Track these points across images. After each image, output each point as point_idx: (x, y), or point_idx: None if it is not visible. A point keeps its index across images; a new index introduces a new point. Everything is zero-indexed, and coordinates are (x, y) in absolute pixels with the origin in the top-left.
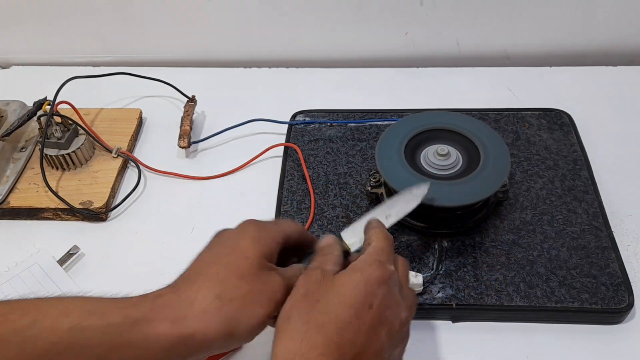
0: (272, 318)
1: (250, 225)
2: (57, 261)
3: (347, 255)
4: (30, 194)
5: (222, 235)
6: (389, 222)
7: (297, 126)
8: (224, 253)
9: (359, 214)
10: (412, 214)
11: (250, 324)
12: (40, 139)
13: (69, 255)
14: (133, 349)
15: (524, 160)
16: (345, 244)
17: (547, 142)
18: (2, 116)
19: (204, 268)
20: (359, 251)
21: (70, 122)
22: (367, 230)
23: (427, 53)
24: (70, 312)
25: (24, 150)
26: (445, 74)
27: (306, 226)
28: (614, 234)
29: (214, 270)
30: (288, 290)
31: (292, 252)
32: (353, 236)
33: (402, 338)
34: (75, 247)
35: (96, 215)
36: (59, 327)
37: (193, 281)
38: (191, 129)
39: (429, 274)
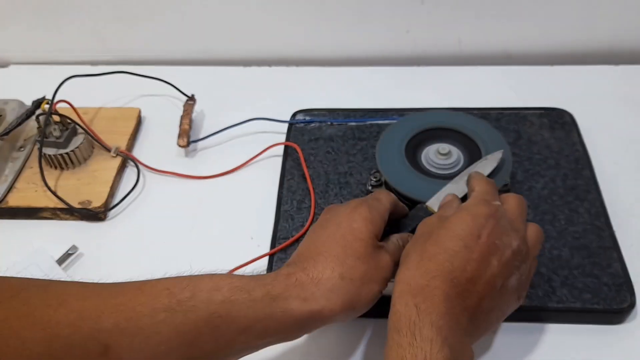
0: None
1: (361, 206)
2: (56, 261)
3: None
4: (28, 193)
5: (334, 214)
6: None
7: (297, 125)
8: (340, 234)
9: None
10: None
11: (368, 299)
12: (39, 138)
13: (67, 255)
14: (274, 321)
15: (526, 159)
16: (432, 211)
17: (549, 141)
18: (0, 115)
19: (324, 248)
20: None
21: (69, 121)
22: (468, 182)
23: (428, 52)
24: (221, 288)
25: (22, 149)
26: (446, 73)
27: (306, 226)
28: (616, 233)
29: (334, 252)
30: (395, 264)
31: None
32: (438, 204)
33: (516, 266)
34: (74, 247)
35: (95, 214)
36: (213, 299)
37: (316, 261)
38: (190, 128)
39: None
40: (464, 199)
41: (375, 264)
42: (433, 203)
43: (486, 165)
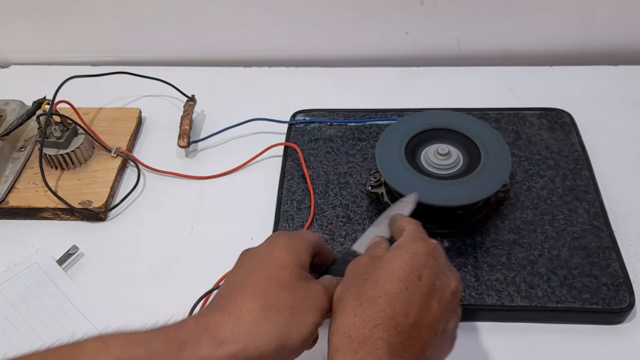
0: (319, 328)
1: (281, 236)
2: (57, 261)
3: None
4: (29, 193)
5: (249, 252)
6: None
7: (297, 126)
8: (259, 266)
9: (359, 214)
10: (413, 214)
11: (301, 334)
12: (40, 139)
13: (68, 255)
14: None
15: (525, 159)
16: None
17: (548, 141)
18: (1, 115)
19: (242, 283)
20: None
21: (69, 121)
22: (392, 224)
23: (427, 52)
24: (111, 346)
25: (23, 149)
26: (445, 74)
27: (306, 226)
28: (615, 233)
29: (254, 284)
30: (330, 298)
31: (313, 266)
32: (364, 247)
33: (454, 309)
34: (75, 247)
35: (95, 215)
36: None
37: (234, 297)
38: (191, 128)
39: None
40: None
41: (305, 293)
42: (359, 247)
43: (405, 207)
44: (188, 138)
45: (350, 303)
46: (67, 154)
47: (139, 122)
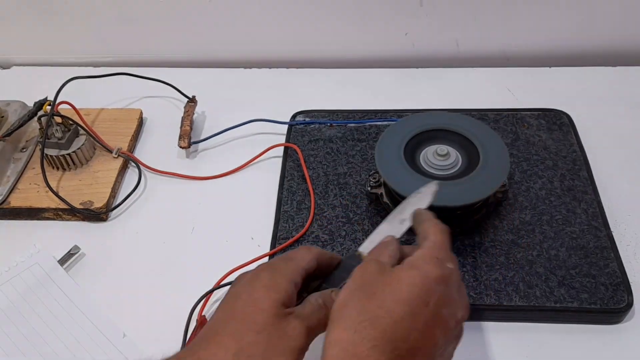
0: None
1: (263, 272)
2: (58, 261)
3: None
4: (30, 194)
5: (238, 284)
6: (405, 227)
7: (297, 126)
8: (239, 307)
9: (359, 214)
10: None
11: None
12: (41, 139)
13: (69, 255)
14: None
15: (523, 160)
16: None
17: (547, 142)
18: (2, 116)
19: (221, 326)
20: None
21: (70, 122)
22: (419, 223)
23: (426, 53)
24: None
25: (24, 150)
26: (444, 75)
27: (306, 226)
28: (613, 233)
29: (231, 328)
30: (309, 332)
31: (314, 276)
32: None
33: (455, 336)
34: (76, 247)
35: (97, 215)
36: None
37: (209, 341)
38: (191, 129)
39: None
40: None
41: (281, 335)
42: (366, 248)
43: (422, 199)
44: (189, 139)
45: (353, 316)
46: (68, 154)
47: (140, 123)
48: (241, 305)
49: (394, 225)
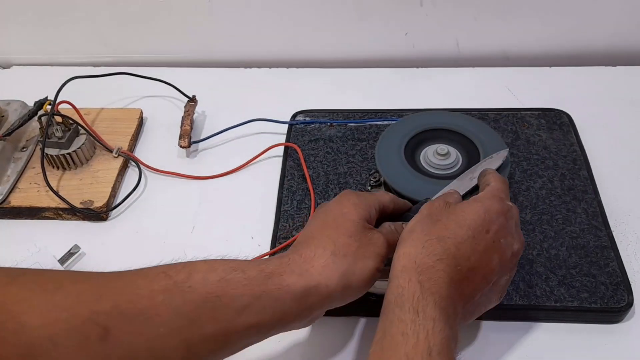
0: (379, 272)
1: (350, 194)
2: (58, 260)
3: None
4: (31, 193)
5: (324, 207)
6: (473, 183)
7: (297, 126)
8: (331, 218)
9: None
10: None
11: (363, 275)
12: (41, 139)
13: (69, 254)
14: (270, 298)
15: (524, 160)
16: None
17: (547, 141)
18: (3, 116)
19: (316, 232)
20: None
21: (71, 121)
22: (482, 176)
23: (426, 53)
24: (216, 269)
25: (24, 149)
26: (444, 74)
27: None
28: (613, 233)
29: (326, 233)
30: (389, 245)
31: (388, 219)
32: None
33: (510, 268)
34: (76, 247)
35: (97, 214)
36: (209, 279)
37: (309, 244)
38: (192, 128)
39: None
40: (465, 196)
41: (367, 240)
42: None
43: (492, 162)
44: (189, 138)
45: (420, 236)
46: (68, 154)
47: (140, 123)
48: (332, 217)
49: (463, 182)
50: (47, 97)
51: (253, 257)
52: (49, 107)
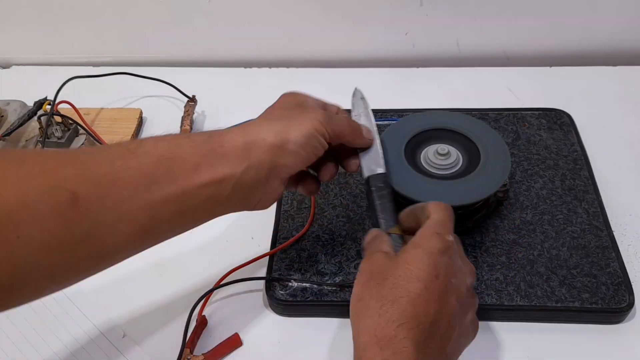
0: (319, 131)
1: (320, 113)
2: None
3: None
4: None
5: (294, 99)
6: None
7: None
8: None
9: (359, 214)
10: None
11: (301, 130)
12: (41, 139)
13: None
14: (216, 155)
15: (524, 160)
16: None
17: (547, 141)
18: (2, 116)
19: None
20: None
21: (70, 121)
22: (422, 208)
23: (427, 53)
24: (164, 138)
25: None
26: (445, 74)
27: (306, 226)
28: (614, 233)
29: (268, 116)
30: (328, 115)
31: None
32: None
33: (470, 304)
34: None
35: None
36: (159, 145)
37: (250, 122)
38: (191, 128)
39: None
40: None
41: (303, 110)
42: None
43: (359, 108)
44: None
45: (372, 304)
46: None
47: (140, 123)
48: (287, 113)
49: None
50: (46, 97)
51: (253, 257)
52: (48, 107)
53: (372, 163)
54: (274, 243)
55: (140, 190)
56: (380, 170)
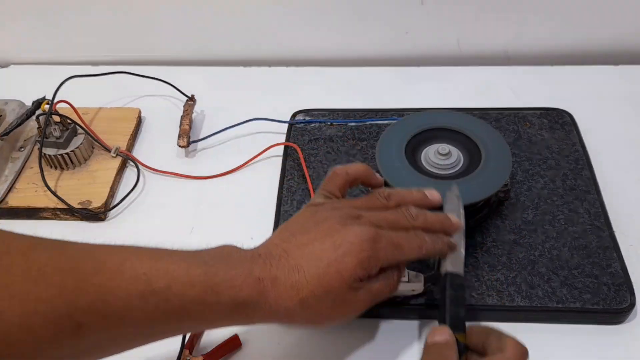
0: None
1: (366, 240)
2: None
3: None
4: (28, 193)
5: (322, 218)
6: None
7: (297, 125)
8: (320, 251)
9: None
10: None
11: (324, 328)
12: (39, 139)
13: None
14: (234, 321)
15: (525, 159)
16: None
17: (549, 141)
18: (0, 115)
19: (303, 259)
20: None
21: (69, 121)
22: (489, 333)
23: (427, 52)
24: (195, 285)
25: (22, 149)
26: (445, 73)
27: None
28: (616, 233)
29: (311, 271)
30: (371, 303)
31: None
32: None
33: None
34: None
35: (95, 215)
36: (186, 294)
37: (290, 272)
38: (190, 128)
39: (430, 274)
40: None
41: (343, 305)
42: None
43: (453, 205)
44: (188, 138)
45: None
46: (66, 153)
47: (139, 122)
48: (325, 253)
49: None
50: (45, 97)
51: None
52: (47, 106)
53: (454, 261)
54: None
55: (145, 332)
56: (461, 272)
